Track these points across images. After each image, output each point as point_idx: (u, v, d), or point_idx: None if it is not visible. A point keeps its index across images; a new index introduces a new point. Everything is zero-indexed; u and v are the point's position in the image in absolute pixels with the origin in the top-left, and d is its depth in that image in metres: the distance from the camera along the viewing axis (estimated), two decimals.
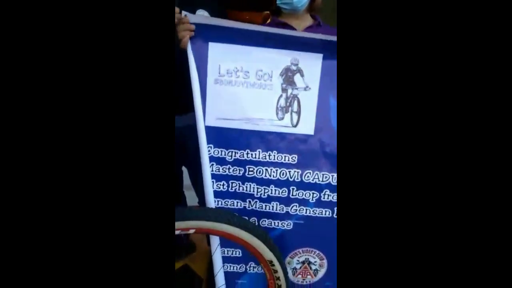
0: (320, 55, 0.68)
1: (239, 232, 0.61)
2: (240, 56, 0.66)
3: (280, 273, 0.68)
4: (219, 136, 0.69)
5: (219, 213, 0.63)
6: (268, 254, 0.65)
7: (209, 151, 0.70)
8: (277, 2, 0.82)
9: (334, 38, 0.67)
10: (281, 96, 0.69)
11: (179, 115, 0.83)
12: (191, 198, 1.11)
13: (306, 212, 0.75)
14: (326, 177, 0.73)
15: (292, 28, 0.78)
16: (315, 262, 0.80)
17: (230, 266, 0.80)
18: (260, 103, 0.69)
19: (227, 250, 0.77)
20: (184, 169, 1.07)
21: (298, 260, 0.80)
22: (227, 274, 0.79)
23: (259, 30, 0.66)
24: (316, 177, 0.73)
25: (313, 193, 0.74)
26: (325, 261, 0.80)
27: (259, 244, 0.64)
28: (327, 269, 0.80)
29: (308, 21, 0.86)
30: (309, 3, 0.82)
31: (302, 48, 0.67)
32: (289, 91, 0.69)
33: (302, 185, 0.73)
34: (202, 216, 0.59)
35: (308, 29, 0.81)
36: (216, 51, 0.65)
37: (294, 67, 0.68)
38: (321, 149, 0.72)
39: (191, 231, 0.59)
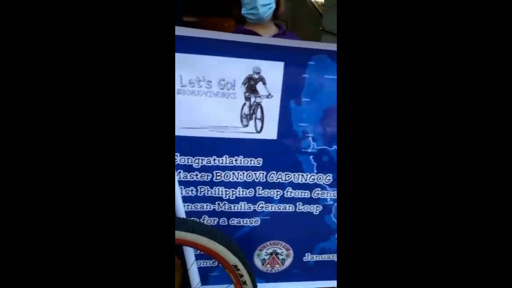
0: (281, 63, 0.69)
1: (200, 239, 0.62)
2: (202, 66, 0.66)
3: (246, 277, 0.69)
4: (185, 144, 0.70)
5: (180, 221, 0.64)
6: (232, 259, 0.66)
7: (175, 159, 0.71)
8: (243, 11, 0.81)
9: (296, 44, 0.69)
10: (244, 104, 0.71)
11: None
12: None
13: (271, 209, 0.80)
14: (288, 176, 0.78)
15: (259, 36, 0.78)
16: (282, 252, 0.87)
17: (203, 262, 0.84)
18: (224, 112, 0.70)
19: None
20: None
21: (266, 252, 0.86)
22: (200, 270, 0.84)
23: (221, 39, 0.65)
24: (280, 177, 0.78)
25: (277, 191, 0.79)
26: (291, 251, 0.87)
27: (222, 250, 0.64)
28: (293, 258, 0.88)
29: (273, 29, 0.86)
30: (273, 12, 0.82)
31: (264, 57, 0.68)
32: (252, 99, 0.71)
33: (267, 185, 0.78)
34: None
35: (274, 37, 0.81)
36: (177, 61, 0.65)
37: (256, 76, 0.69)
38: (284, 152, 0.76)
39: None
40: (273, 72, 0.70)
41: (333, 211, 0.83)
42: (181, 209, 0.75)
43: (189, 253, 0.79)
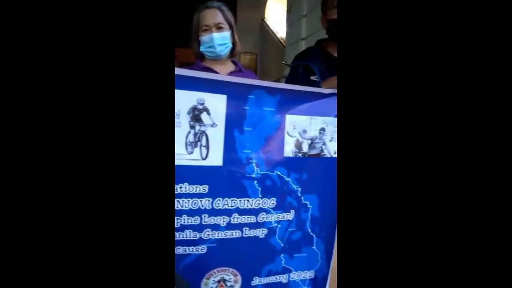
0: (224, 96, 0.74)
1: None
2: None
3: None
4: None
5: None
6: None
7: None
8: (201, 48, 0.86)
9: (238, 80, 0.74)
10: (189, 132, 0.72)
11: None
12: None
13: (218, 236, 0.79)
14: (234, 202, 0.79)
15: (216, 73, 0.83)
16: (229, 279, 0.85)
17: None
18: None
19: None
20: None
21: (214, 280, 0.83)
22: None
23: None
24: (226, 203, 0.78)
25: (223, 218, 0.79)
26: (238, 276, 0.86)
27: None
28: (241, 284, 0.86)
29: (230, 66, 0.93)
30: (230, 50, 0.88)
31: (207, 89, 0.72)
32: (197, 127, 0.73)
33: (213, 212, 0.78)
34: None
35: (231, 74, 0.87)
36: None
37: (200, 106, 0.72)
38: (230, 178, 0.78)
39: None
40: (217, 104, 0.74)
41: (277, 233, 0.86)
42: None
43: None
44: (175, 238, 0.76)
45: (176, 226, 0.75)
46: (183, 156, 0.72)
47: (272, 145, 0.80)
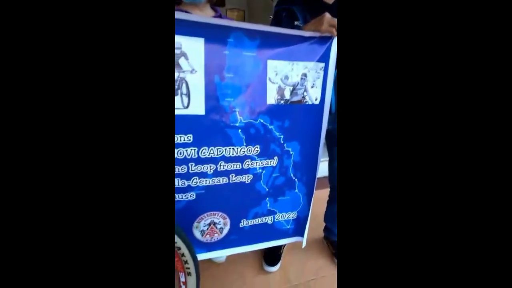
0: (202, 39, 0.68)
1: None
2: None
3: (184, 249, 0.68)
4: None
5: None
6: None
7: None
8: None
9: (215, 22, 0.68)
10: None
11: None
12: None
13: (206, 183, 0.81)
14: (220, 151, 0.79)
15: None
16: (219, 222, 0.89)
17: None
18: None
19: None
20: None
21: (204, 223, 0.87)
22: None
23: None
24: (212, 152, 0.78)
25: (210, 166, 0.79)
26: (228, 219, 0.90)
27: None
28: (230, 226, 0.91)
29: (210, 12, 0.83)
30: None
31: (184, 32, 0.66)
32: (176, 74, 0.68)
33: (200, 161, 0.77)
34: None
35: None
36: None
37: (177, 51, 0.67)
38: (213, 127, 0.76)
39: None
40: (195, 48, 0.68)
41: (262, 179, 0.88)
42: None
43: None
44: None
45: None
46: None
47: (255, 92, 0.77)
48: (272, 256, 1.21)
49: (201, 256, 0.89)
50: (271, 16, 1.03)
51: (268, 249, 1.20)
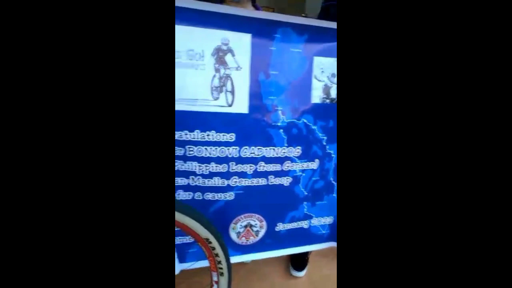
0: (249, 35, 0.66)
1: None
2: None
3: (218, 250, 0.67)
4: None
5: None
6: (204, 233, 0.63)
7: None
8: None
9: (264, 16, 0.66)
10: (214, 76, 0.66)
11: None
12: None
13: (245, 183, 0.78)
14: (260, 151, 0.76)
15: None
16: (255, 224, 0.85)
17: (179, 239, 0.79)
18: (194, 84, 0.65)
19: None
20: None
21: (241, 225, 0.84)
22: (177, 247, 0.79)
23: (189, 7, 0.60)
24: (252, 151, 0.75)
25: (250, 166, 0.76)
26: (264, 222, 0.86)
27: (194, 224, 0.61)
28: (266, 229, 0.87)
29: (251, 10, 0.82)
30: None
31: (231, 28, 0.64)
32: (222, 70, 0.66)
33: (240, 160, 0.75)
34: None
35: None
36: None
37: (225, 47, 0.65)
38: (256, 126, 0.73)
39: None
40: (241, 44, 0.66)
41: (301, 182, 0.84)
42: None
43: None
44: (205, 185, 0.74)
45: (205, 173, 0.73)
46: (208, 102, 0.67)
47: (299, 90, 0.73)
48: (299, 261, 1.15)
49: (235, 259, 0.86)
50: (303, 14, 0.99)
51: (296, 254, 1.15)
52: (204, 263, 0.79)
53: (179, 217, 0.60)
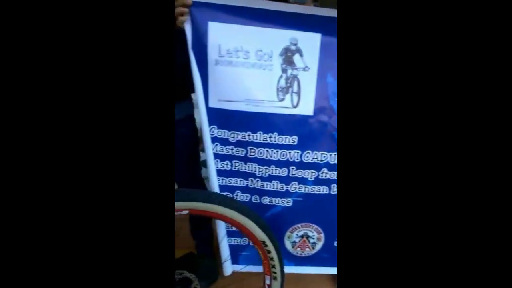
0: (319, 35, 0.62)
1: (231, 213, 0.58)
2: (240, 35, 0.61)
3: (274, 253, 0.65)
4: (222, 117, 0.66)
5: (211, 195, 0.60)
6: (261, 235, 0.62)
7: (212, 132, 0.67)
8: None
9: (334, 14, 0.62)
10: (281, 76, 0.65)
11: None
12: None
13: (305, 190, 0.73)
14: (324, 156, 0.70)
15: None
16: (313, 236, 0.79)
17: (233, 240, 0.79)
18: (261, 84, 0.64)
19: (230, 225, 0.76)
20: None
21: (297, 234, 0.79)
22: (231, 247, 0.78)
23: (260, 8, 0.60)
24: (315, 156, 0.70)
25: (311, 172, 0.71)
26: (322, 235, 0.79)
27: (251, 225, 0.60)
28: (324, 242, 0.80)
29: None
30: None
31: (301, 28, 0.62)
32: (289, 71, 0.64)
33: (302, 165, 0.71)
34: (195, 197, 0.55)
35: None
36: (216, 30, 0.60)
37: (293, 47, 0.63)
38: (320, 130, 0.68)
39: (185, 212, 0.55)
40: (310, 44, 0.63)
41: None
42: (214, 182, 0.70)
43: (221, 228, 0.74)
44: (263, 188, 0.72)
45: (264, 175, 0.71)
46: (274, 104, 0.66)
47: None
48: None
49: (287, 269, 0.81)
50: None
51: None
52: (256, 268, 0.77)
53: (238, 217, 0.59)
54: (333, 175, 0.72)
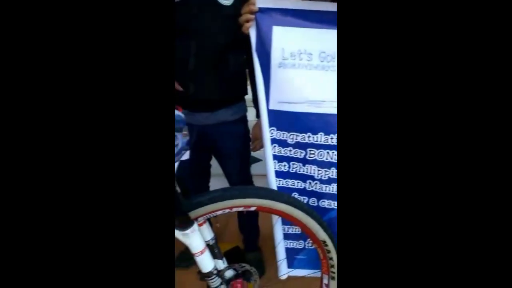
0: None
1: (296, 212, 0.60)
2: (303, 38, 0.62)
3: (333, 254, 0.65)
4: (281, 119, 0.67)
5: (278, 194, 0.62)
6: (322, 235, 0.63)
7: (272, 133, 0.68)
8: None
9: None
10: None
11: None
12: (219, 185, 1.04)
13: None
14: None
15: None
16: None
17: (290, 242, 0.78)
18: (322, 85, 0.64)
19: (287, 228, 0.76)
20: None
21: None
22: (286, 250, 0.78)
23: (322, 10, 0.60)
24: None
25: None
26: None
27: (314, 225, 0.61)
28: None
29: None
30: None
31: None
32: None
33: None
34: (263, 195, 0.58)
35: None
36: (280, 34, 0.62)
37: None
38: None
39: (252, 208, 0.58)
40: None
41: None
42: (273, 183, 0.71)
43: (278, 231, 0.74)
44: (322, 191, 0.71)
45: (323, 178, 0.70)
46: (334, 104, 0.64)
47: None
48: None
49: None
50: None
51: None
52: (311, 272, 0.75)
53: (302, 216, 0.60)
54: None
